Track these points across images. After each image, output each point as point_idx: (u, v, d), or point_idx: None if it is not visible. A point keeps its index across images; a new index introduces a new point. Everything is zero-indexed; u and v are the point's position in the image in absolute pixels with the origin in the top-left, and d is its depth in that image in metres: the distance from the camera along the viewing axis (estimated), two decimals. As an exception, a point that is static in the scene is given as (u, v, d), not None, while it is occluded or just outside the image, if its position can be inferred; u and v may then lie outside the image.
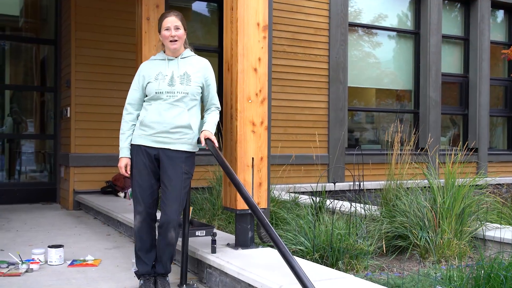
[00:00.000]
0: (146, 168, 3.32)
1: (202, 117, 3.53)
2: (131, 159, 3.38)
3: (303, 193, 6.45)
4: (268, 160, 3.79)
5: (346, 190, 7.75)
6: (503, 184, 8.50)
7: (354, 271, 3.63)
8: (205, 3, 8.60)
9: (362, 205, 5.01)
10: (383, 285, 3.13)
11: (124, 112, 3.46)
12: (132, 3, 5.68)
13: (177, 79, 3.33)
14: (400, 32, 9.93)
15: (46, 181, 8.23)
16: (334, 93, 8.83)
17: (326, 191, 5.48)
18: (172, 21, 3.35)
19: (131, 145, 3.39)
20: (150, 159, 3.32)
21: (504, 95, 11.40)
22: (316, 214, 4.31)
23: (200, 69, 3.43)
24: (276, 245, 2.59)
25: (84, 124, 7.15)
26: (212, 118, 3.49)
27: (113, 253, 4.61)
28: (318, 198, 5.17)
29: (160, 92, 3.29)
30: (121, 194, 6.95)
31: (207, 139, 3.33)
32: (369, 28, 9.62)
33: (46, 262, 4.17)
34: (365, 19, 9.59)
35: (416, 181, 5.04)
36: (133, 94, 3.43)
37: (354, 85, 9.39)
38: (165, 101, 3.28)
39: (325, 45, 8.80)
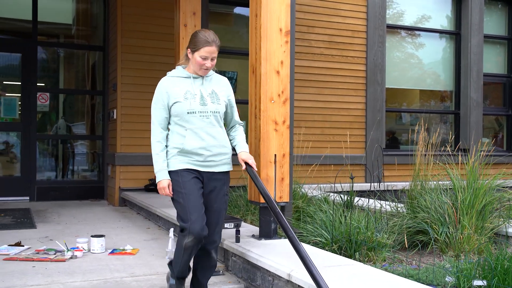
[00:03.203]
0: (196, 187, 3.13)
1: None
2: (176, 181, 3.12)
3: (340, 192, 6.62)
4: (290, 157, 4.02)
5: (382, 190, 7.84)
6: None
7: (372, 262, 3.81)
8: (247, 8, 8.89)
9: (388, 202, 5.15)
10: (398, 275, 3.30)
11: (154, 131, 3.20)
12: (172, 10, 6.04)
13: (208, 98, 3.19)
14: (441, 33, 9.91)
15: (95, 179, 8.75)
16: (371, 94, 8.94)
17: (356, 191, 5.63)
18: (212, 51, 3.13)
19: (173, 171, 3.15)
20: (198, 179, 3.17)
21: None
22: (340, 210, 4.49)
23: (224, 88, 3.33)
24: (285, 232, 2.82)
25: (129, 125, 7.59)
26: (243, 137, 3.44)
27: (151, 244, 4.96)
28: (346, 196, 5.35)
29: (193, 112, 3.12)
30: (163, 192, 7.32)
31: (247, 163, 3.31)
32: (408, 29, 9.66)
33: (89, 250, 4.56)
34: (405, 21, 9.64)
35: (446, 182, 5.11)
36: (160, 113, 3.19)
37: (393, 86, 9.46)
38: (200, 122, 3.13)
39: (362, 47, 8.92)
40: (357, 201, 5.28)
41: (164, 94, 3.18)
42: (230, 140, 3.41)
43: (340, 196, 5.36)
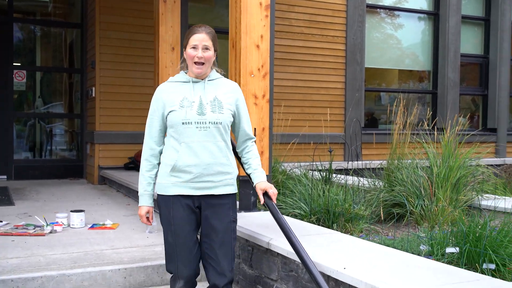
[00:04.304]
0: (187, 223, 2.67)
1: None
2: (165, 212, 2.69)
3: (319, 170, 6.69)
4: (270, 131, 4.06)
5: (360, 168, 7.94)
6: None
7: (349, 233, 3.89)
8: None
9: (366, 178, 5.24)
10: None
11: (144, 146, 2.76)
12: (151, -14, 5.98)
13: (207, 106, 2.68)
14: (419, 13, 9.99)
15: (74, 158, 8.70)
16: (351, 74, 9.00)
17: (335, 169, 5.70)
18: (201, 39, 2.67)
19: (163, 196, 2.69)
20: (192, 210, 2.68)
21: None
22: (319, 184, 4.56)
23: (231, 94, 2.80)
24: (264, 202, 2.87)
25: (108, 103, 7.54)
26: (258, 160, 2.92)
27: (131, 219, 4.99)
28: (325, 173, 5.43)
29: (188, 123, 2.64)
30: (143, 170, 7.33)
31: (265, 195, 2.83)
32: (388, 9, 9.72)
33: (68, 225, 4.56)
34: (384, 1, 9.69)
35: (422, 160, 5.20)
36: (154, 124, 2.74)
37: (372, 66, 9.54)
38: (196, 135, 2.64)
39: (342, 27, 8.96)
40: (335, 176, 5.36)
41: (160, 102, 2.72)
42: (243, 164, 2.93)
43: (319, 173, 5.43)
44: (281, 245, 2.95)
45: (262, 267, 3.20)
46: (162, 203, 2.69)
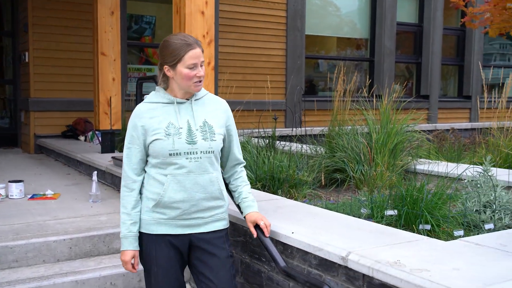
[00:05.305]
0: (173, 265, 2.37)
1: None
2: (147, 251, 2.35)
3: (263, 137, 6.77)
4: (215, 99, 4.06)
5: (303, 135, 8.09)
6: (449, 129, 9.04)
7: (294, 199, 4.01)
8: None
9: (308, 145, 5.37)
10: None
11: (126, 180, 2.36)
12: None
13: (198, 132, 2.33)
14: (358, -19, 10.14)
15: (7, 127, 8.33)
16: (291, 41, 9.07)
17: (277, 136, 5.80)
18: (199, 55, 2.28)
19: (144, 234, 2.35)
20: (178, 251, 2.37)
21: (456, 44, 11.84)
22: (264, 151, 4.64)
23: (221, 114, 2.46)
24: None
25: (43, 69, 7.24)
26: (249, 187, 2.62)
27: (72, 189, 4.89)
28: (268, 140, 5.52)
29: (177, 154, 2.29)
30: (82, 138, 7.15)
31: (257, 227, 2.52)
32: (327, -24, 9.79)
33: (7, 196, 4.42)
34: (324, -32, 9.75)
35: (362, 126, 5.39)
36: (134, 154, 2.34)
37: (312, 33, 9.64)
38: (185, 166, 2.29)
39: (283, -7, 8.97)
40: (279, 143, 5.47)
41: (139, 128, 2.32)
42: (231, 192, 2.64)
43: (263, 140, 5.52)
44: (229, 212, 3.00)
45: (210, 233, 3.25)
46: (144, 241, 2.35)
